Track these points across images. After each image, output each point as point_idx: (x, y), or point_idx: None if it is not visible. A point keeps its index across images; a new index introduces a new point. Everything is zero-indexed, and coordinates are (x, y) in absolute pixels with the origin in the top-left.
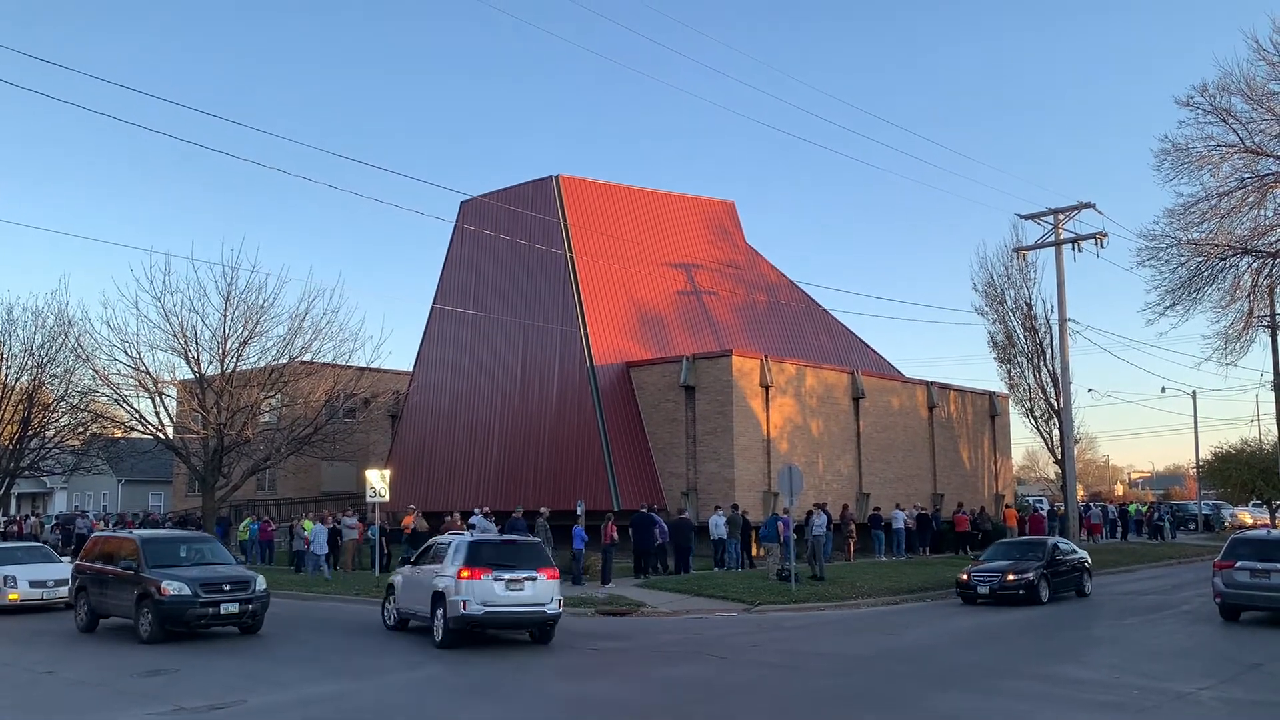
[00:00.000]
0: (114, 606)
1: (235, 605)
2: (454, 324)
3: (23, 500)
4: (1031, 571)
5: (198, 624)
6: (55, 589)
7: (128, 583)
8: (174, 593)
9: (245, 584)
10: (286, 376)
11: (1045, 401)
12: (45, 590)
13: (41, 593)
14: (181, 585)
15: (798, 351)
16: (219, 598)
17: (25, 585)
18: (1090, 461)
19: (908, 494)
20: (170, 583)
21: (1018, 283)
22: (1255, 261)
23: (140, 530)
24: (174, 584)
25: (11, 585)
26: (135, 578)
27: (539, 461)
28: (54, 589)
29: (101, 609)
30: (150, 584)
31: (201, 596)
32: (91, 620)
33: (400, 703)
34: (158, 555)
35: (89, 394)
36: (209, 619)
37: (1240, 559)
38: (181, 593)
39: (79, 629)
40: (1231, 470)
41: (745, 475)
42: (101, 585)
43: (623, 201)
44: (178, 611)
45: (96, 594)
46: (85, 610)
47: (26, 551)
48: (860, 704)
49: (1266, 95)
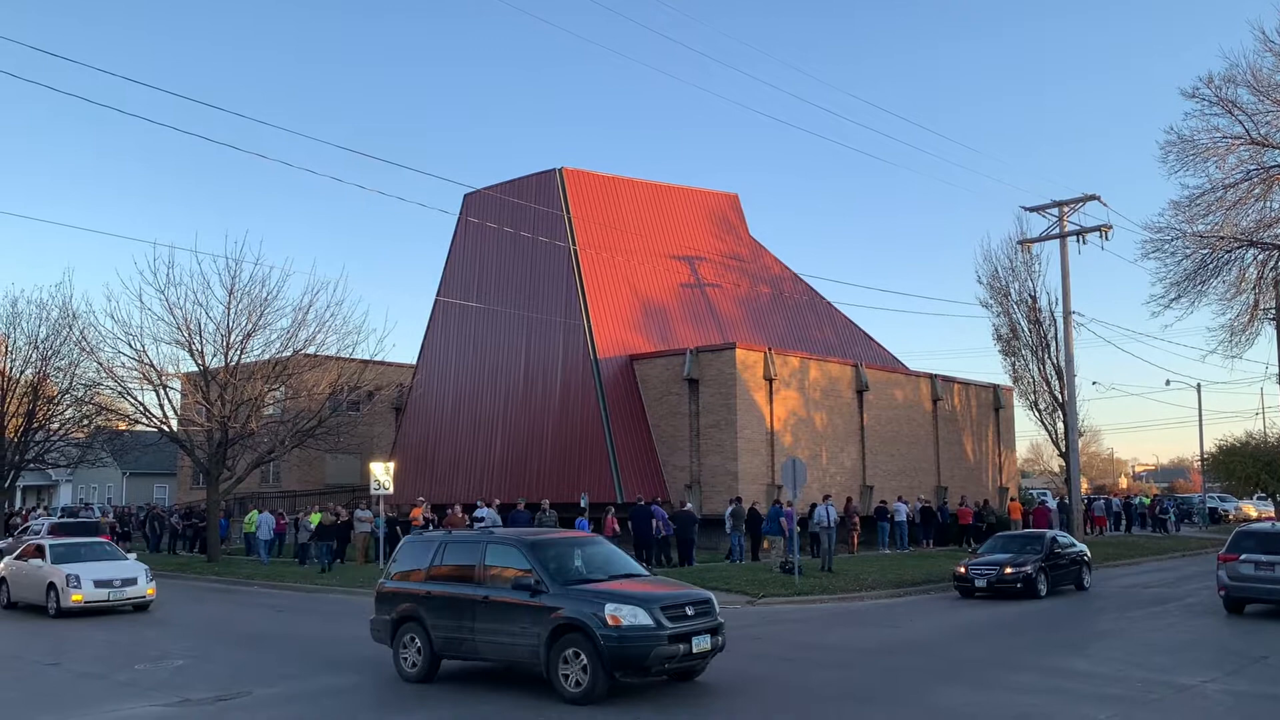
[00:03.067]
0: (488, 645)
1: (706, 640)
2: (458, 317)
3: (28, 493)
4: (1030, 565)
5: (660, 668)
6: (122, 589)
7: (523, 611)
8: (630, 622)
9: (708, 607)
10: (290, 369)
11: (1050, 394)
12: (112, 591)
13: (108, 594)
14: (636, 610)
15: (801, 344)
16: (687, 627)
17: (90, 586)
18: (1094, 454)
19: (911, 487)
20: (620, 607)
21: (1022, 275)
22: (1261, 254)
23: (518, 530)
24: (626, 609)
25: (74, 585)
26: (538, 607)
27: (543, 454)
28: (121, 589)
29: (455, 648)
30: (577, 610)
31: (667, 628)
32: (429, 666)
33: (405, 694)
34: (560, 567)
35: (93, 387)
36: (679, 660)
37: (1245, 552)
38: (640, 622)
39: (408, 678)
40: (1236, 463)
41: (749, 468)
42: (457, 613)
43: (626, 194)
44: (635, 652)
45: (445, 627)
46: (418, 650)
47: (90, 548)
48: (864, 698)
49: (1273, 87)
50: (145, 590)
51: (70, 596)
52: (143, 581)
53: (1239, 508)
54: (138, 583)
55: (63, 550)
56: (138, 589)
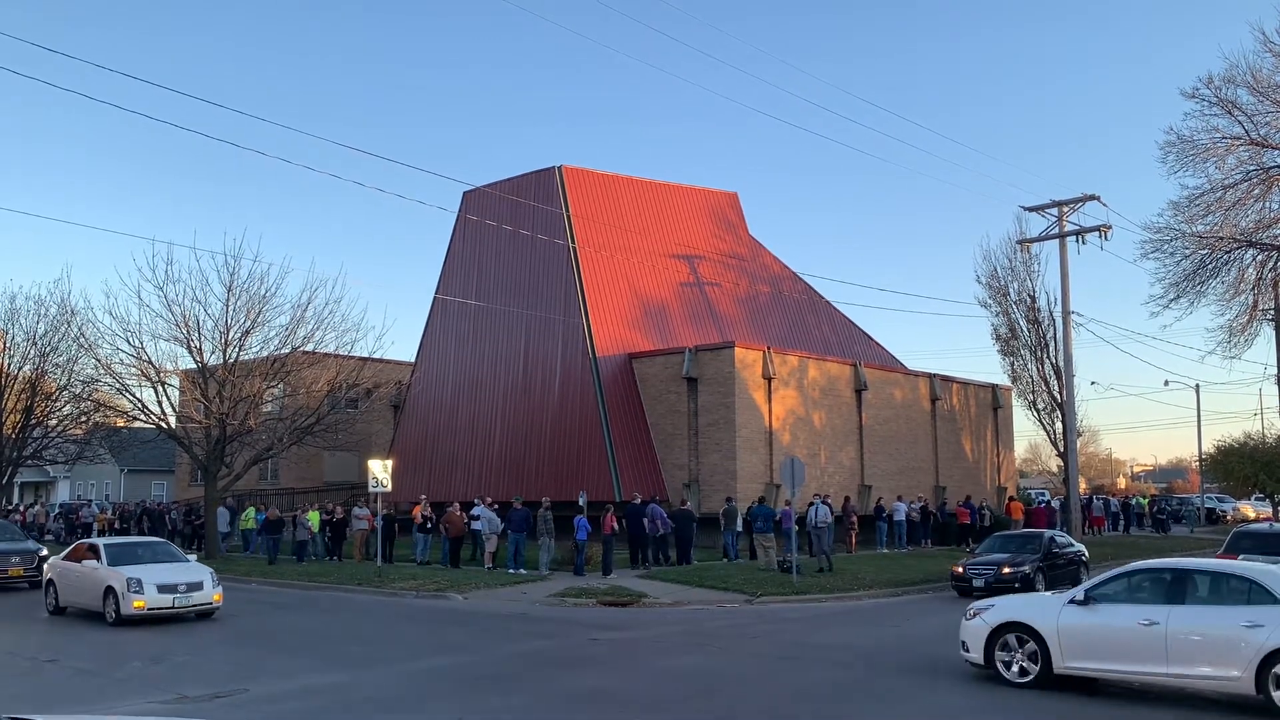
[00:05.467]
0: None
1: None
2: (456, 314)
3: (26, 489)
4: (1028, 565)
5: None
6: (187, 594)
7: None
8: None
9: None
10: (289, 366)
11: (1048, 394)
12: (176, 596)
13: (172, 599)
14: None
15: (800, 343)
16: None
17: (153, 591)
18: (1093, 454)
19: (910, 486)
20: None
21: (1021, 275)
22: (1260, 254)
23: None
24: None
25: (136, 590)
26: None
27: (541, 452)
28: (185, 594)
29: None
30: None
31: None
32: None
33: (401, 693)
34: None
35: (92, 383)
36: None
37: (1243, 552)
38: None
39: None
40: (1234, 464)
41: (747, 467)
42: None
43: (625, 192)
44: None
45: None
46: None
47: (148, 548)
48: (862, 697)
49: (1273, 87)
50: (212, 596)
51: (132, 602)
52: (209, 586)
53: (1237, 508)
54: (204, 587)
55: (118, 550)
56: (204, 594)
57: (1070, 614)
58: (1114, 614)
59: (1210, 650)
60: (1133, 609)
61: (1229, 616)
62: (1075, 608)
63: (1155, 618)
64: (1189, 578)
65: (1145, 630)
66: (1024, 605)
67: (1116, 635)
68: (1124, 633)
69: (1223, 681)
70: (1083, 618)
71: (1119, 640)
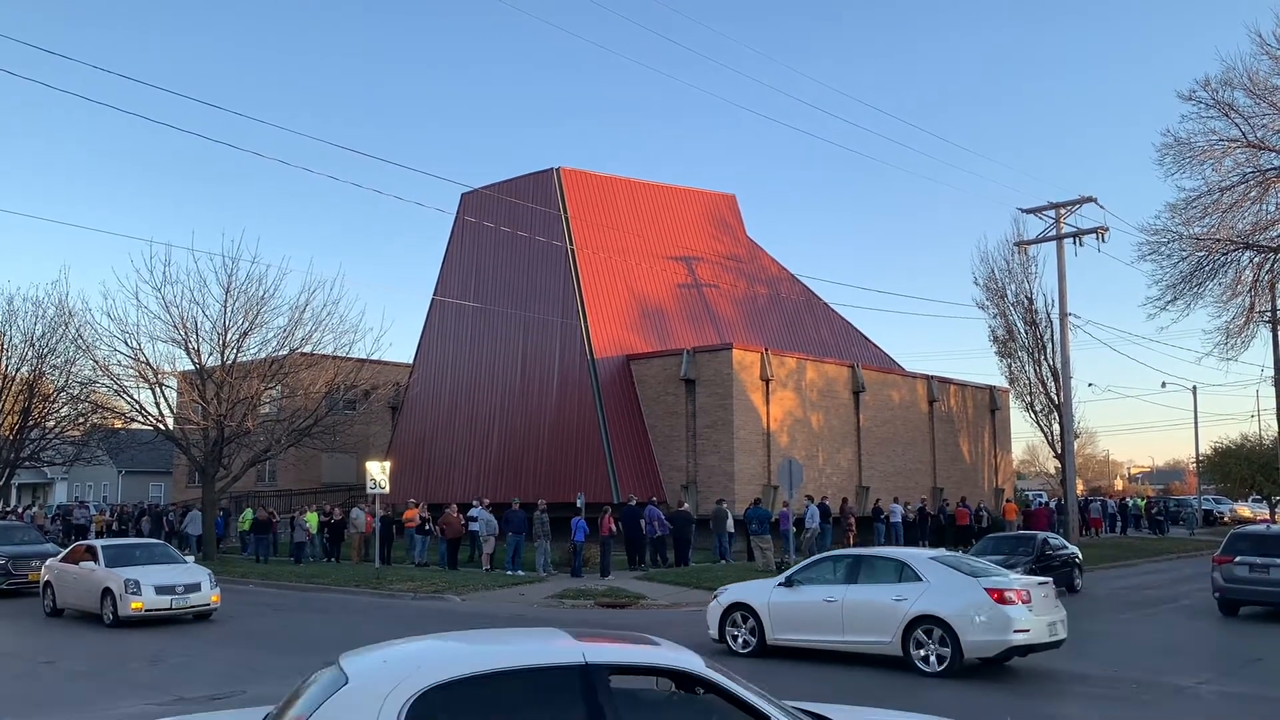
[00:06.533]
0: None
1: None
2: (454, 316)
3: (23, 490)
4: (1021, 567)
5: None
6: (185, 596)
7: None
8: None
9: None
10: (287, 368)
11: (1045, 396)
12: (174, 598)
13: (170, 600)
14: None
15: (798, 345)
16: None
17: (151, 592)
18: (1090, 456)
19: (908, 488)
20: None
21: (1018, 277)
22: (1257, 256)
23: None
24: None
25: (134, 592)
26: None
27: (539, 454)
28: (183, 595)
29: None
30: None
31: None
32: None
33: None
34: None
35: (89, 385)
36: None
37: (1239, 554)
38: None
39: None
40: (1231, 465)
41: (745, 468)
42: None
43: (623, 194)
44: None
45: None
46: None
47: (145, 549)
48: (861, 697)
49: (1269, 90)
50: (209, 597)
51: (130, 604)
52: (206, 587)
53: (1234, 510)
54: (201, 588)
55: (116, 552)
56: (201, 595)
57: (778, 595)
58: (808, 594)
59: (871, 620)
60: (821, 589)
61: (884, 593)
62: (782, 589)
63: (835, 596)
64: (861, 562)
65: (828, 606)
66: (746, 589)
67: (808, 611)
68: (813, 609)
69: (880, 645)
70: (786, 597)
71: (810, 615)
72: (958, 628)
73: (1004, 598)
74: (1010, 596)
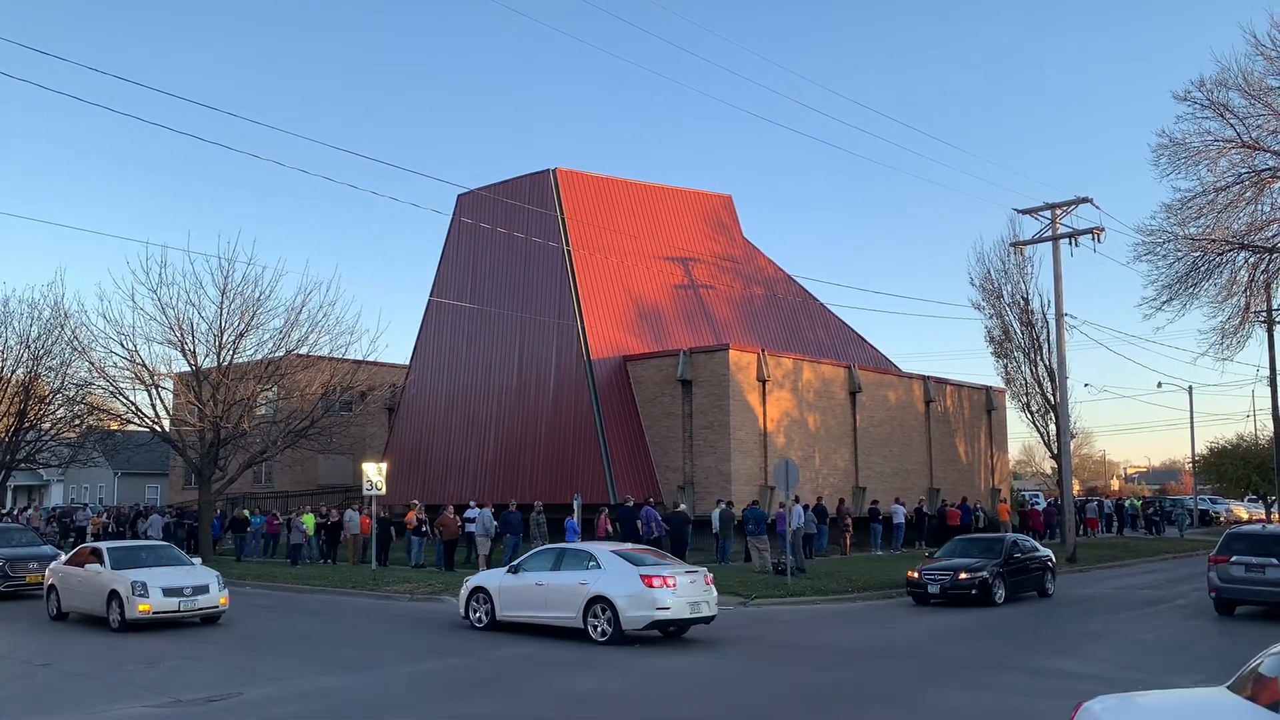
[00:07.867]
0: None
1: None
2: (451, 317)
3: (19, 492)
4: (986, 570)
5: None
6: (193, 598)
7: None
8: None
9: None
10: (283, 369)
11: (1042, 396)
12: (182, 600)
13: (177, 602)
14: None
15: (795, 345)
16: None
17: (158, 594)
18: (1086, 456)
19: (904, 488)
20: None
21: (1015, 277)
22: (1252, 256)
23: None
24: None
25: (141, 594)
26: None
27: (536, 455)
28: (191, 598)
29: None
30: None
31: None
32: None
33: (399, 696)
34: None
35: (85, 386)
36: None
37: (1235, 554)
38: None
39: None
40: (1227, 465)
41: (742, 469)
42: None
43: (620, 195)
44: None
45: None
46: None
47: (151, 551)
48: (860, 699)
49: (1264, 90)
50: (218, 599)
51: (137, 606)
52: (214, 589)
53: (1230, 510)
54: (209, 590)
55: (122, 554)
56: (209, 597)
57: (506, 580)
58: (526, 579)
59: (564, 600)
60: (534, 575)
61: (574, 578)
62: (509, 576)
63: (543, 580)
64: (565, 553)
65: (537, 589)
66: (486, 576)
67: (524, 593)
68: (528, 591)
69: (569, 619)
70: (511, 581)
71: (526, 596)
72: (618, 606)
73: (652, 583)
74: (657, 583)
